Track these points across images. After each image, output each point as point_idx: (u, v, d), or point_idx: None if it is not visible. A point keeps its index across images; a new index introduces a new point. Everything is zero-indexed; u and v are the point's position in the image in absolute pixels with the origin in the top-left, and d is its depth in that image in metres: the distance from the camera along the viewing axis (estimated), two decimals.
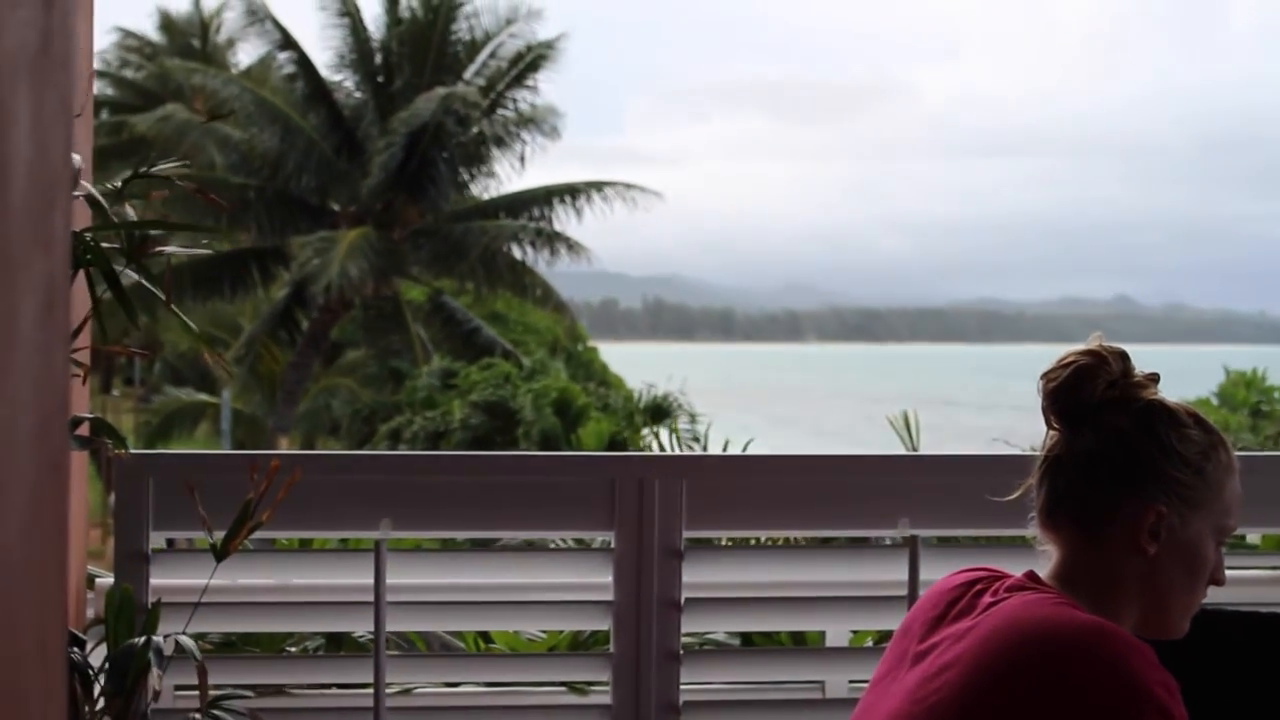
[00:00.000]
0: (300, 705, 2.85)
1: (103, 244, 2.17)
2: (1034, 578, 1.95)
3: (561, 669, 2.94)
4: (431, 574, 2.85)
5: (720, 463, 3.22)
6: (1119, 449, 1.93)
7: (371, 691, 2.74)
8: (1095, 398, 1.95)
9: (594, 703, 2.90)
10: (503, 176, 25.76)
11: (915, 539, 2.84)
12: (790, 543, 3.38)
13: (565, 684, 2.93)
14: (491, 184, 25.84)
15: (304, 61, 25.44)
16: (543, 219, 25.15)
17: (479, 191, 26.10)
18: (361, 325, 26.12)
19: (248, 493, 2.34)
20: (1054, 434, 1.99)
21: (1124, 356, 1.99)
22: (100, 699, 2.26)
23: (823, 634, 3.08)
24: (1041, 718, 1.75)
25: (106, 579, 2.84)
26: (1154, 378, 1.99)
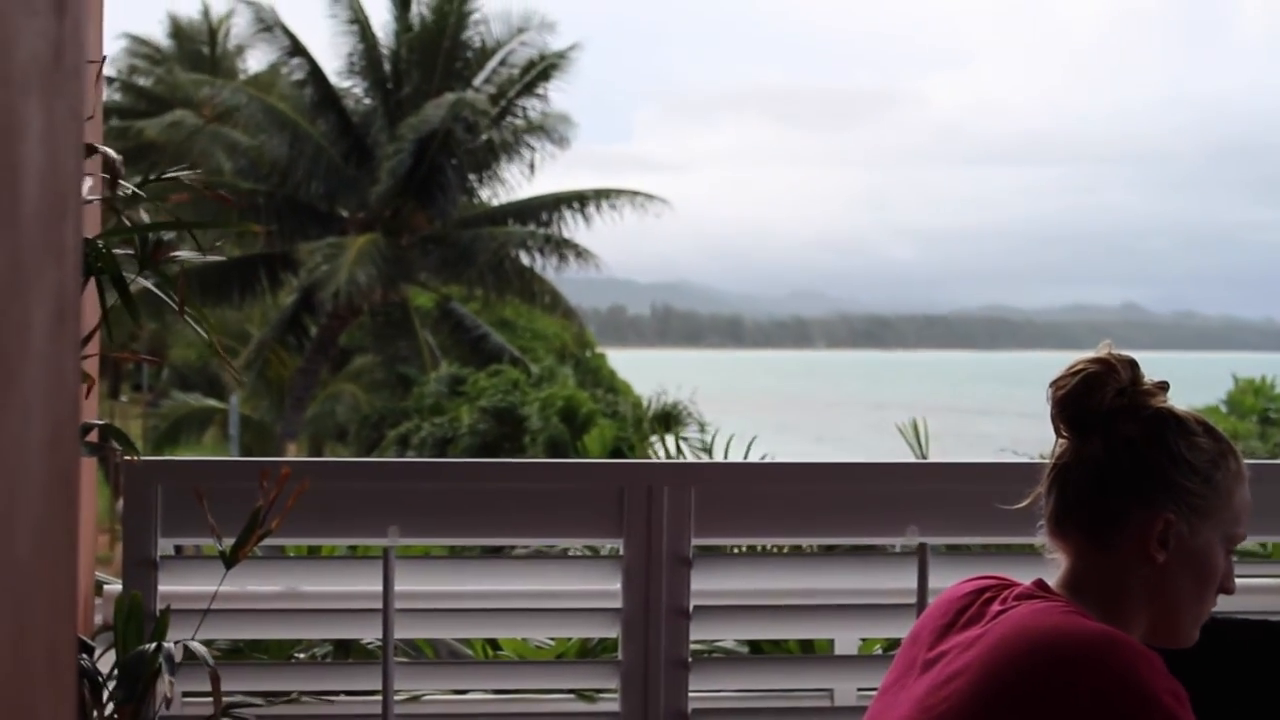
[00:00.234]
0: (309, 712, 2.85)
1: (115, 250, 2.17)
2: (1043, 586, 1.95)
3: (570, 677, 2.94)
4: (439, 581, 2.85)
5: (729, 470, 3.22)
6: (1128, 457, 1.93)
7: (380, 699, 2.74)
8: (1104, 406, 1.95)
9: (602, 710, 2.89)
10: (512, 183, 25.78)
11: (924, 547, 2.83)
12: (799, 550, 3.38)
13: (574, 692, 2.93)
14: (501, 190, 25.86)
15: (313, 68, 25.48)
16: (551, 225, 25.17)
17: (488, 198, 26.13)
18: (370, 331, 26.14)
19: (256, 500, 2.34)
20: (1063, 442, 1.99)
21: (1133, 364, 1.99)
22: (109, 705, 2.26)
23: (831, 642, 3.08)
24: None
25: (115, 585, 2.84)
26: (1163, 386, 1.99)
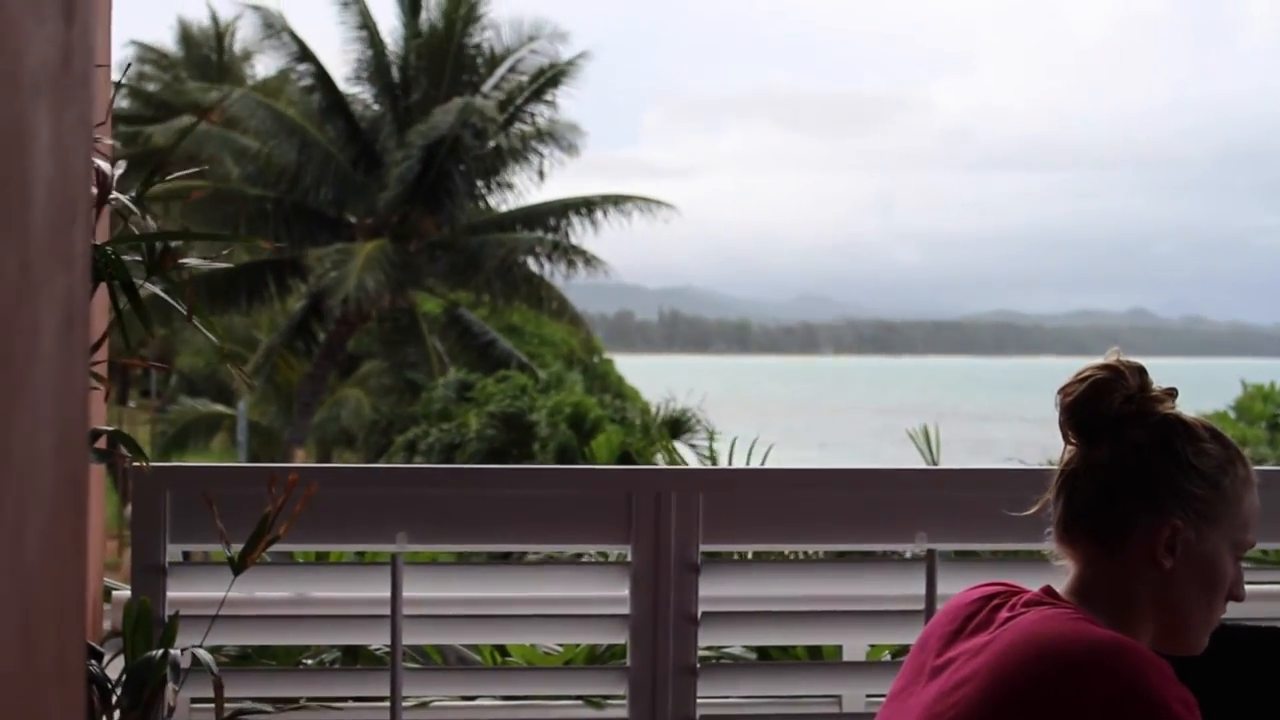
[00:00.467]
0: (316, 719, 2.85)
1: (124, 256, 2.17)
2: (1051, 593, 1.95)
3: (578, 683, 2.93)
4: (448, 587, 2.85)
5: (737, 476, 3.21)
6: (1135, 463, 1.93)
7: (388, 705, 2.74)
8: (1112, 412, 1.95)
9: (610, 717, 2.89)
10: (520, 189, 25.78)
11: (933, 553, 2.83)
12: (807, 557, 3.37)
13: (582, 698, 2.92)
14: (510, 196, 25.86)
15: (321, 74, 25.50)
16: (559, 231, 25.16)
17: (496, 204, 26.12)
18: (378, 337, 26.15)
19: (265, 506, 2.35)
20: (1071, 448, 1.99)
21: (1141, 371, 1.99)
22: (117, 711, 2.26)
23: (839, 648, 3.08)
24: None
25: (123, 591, 2.84)
26: (1172, 392, 1.99)
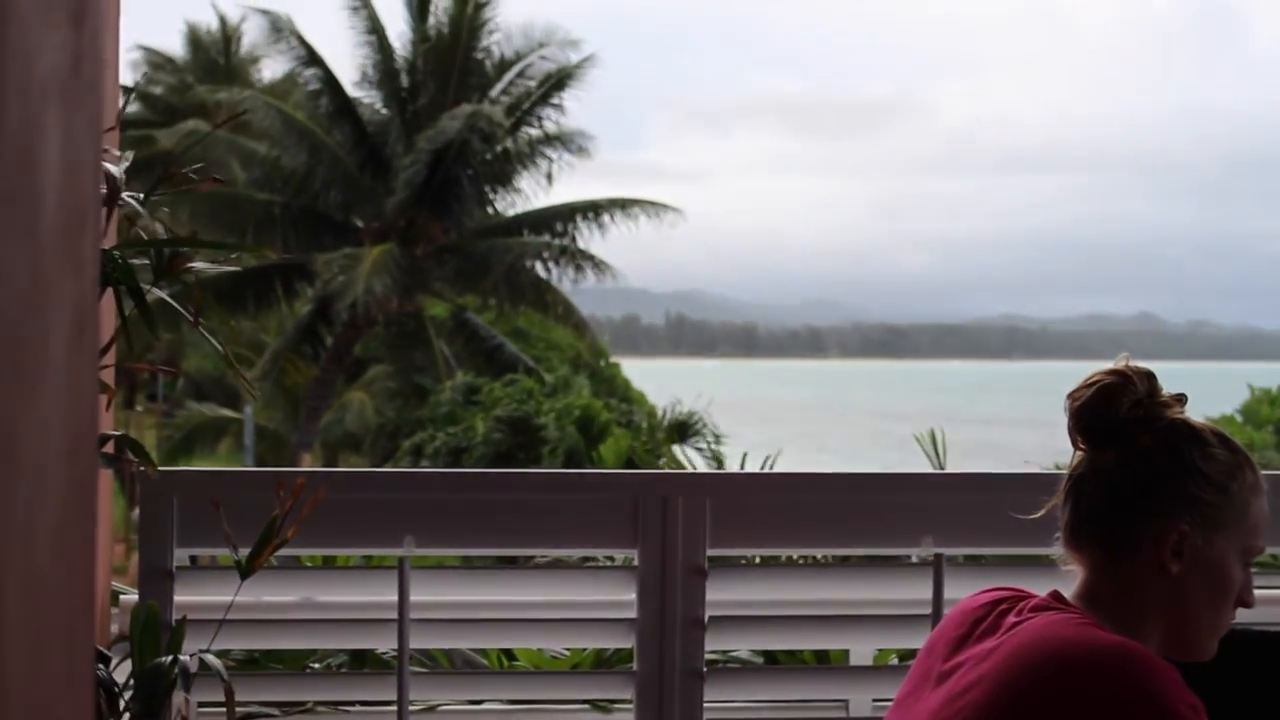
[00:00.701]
0: None
1: (131, 260, 2.17)
2: (1059, 598, 1.94)
3: (585, 687, 2.93)
4: (455, 592, 2.85)
5: (744, 480, 3.21)
6: (1142, 468, 1.93)
7: (395, 709, 2.74)
8: (1120, 417, 1.95)
9: None
10: (528, 193, 25.76)
11: (940, 557, 2.83)
12: (814, 561, 3.37)
13: (588, 703, 2.92)
14: (518, 200, 25.84)
15: (329, 79, 25.50)
16: (566, 235, 25.16)
17: (504, 208, 26.12)
18: (384, 341, 26.15)
19: (272, 510, 2.34)
20: (1079, 453, 1.99)
21: (1150, 376, 1.99)
22: (125, 715, 2.26)
23: (846, 653, 3.08)
24: None
25: (131, 595, 2.84)
26: (1180, 398, 1.99)
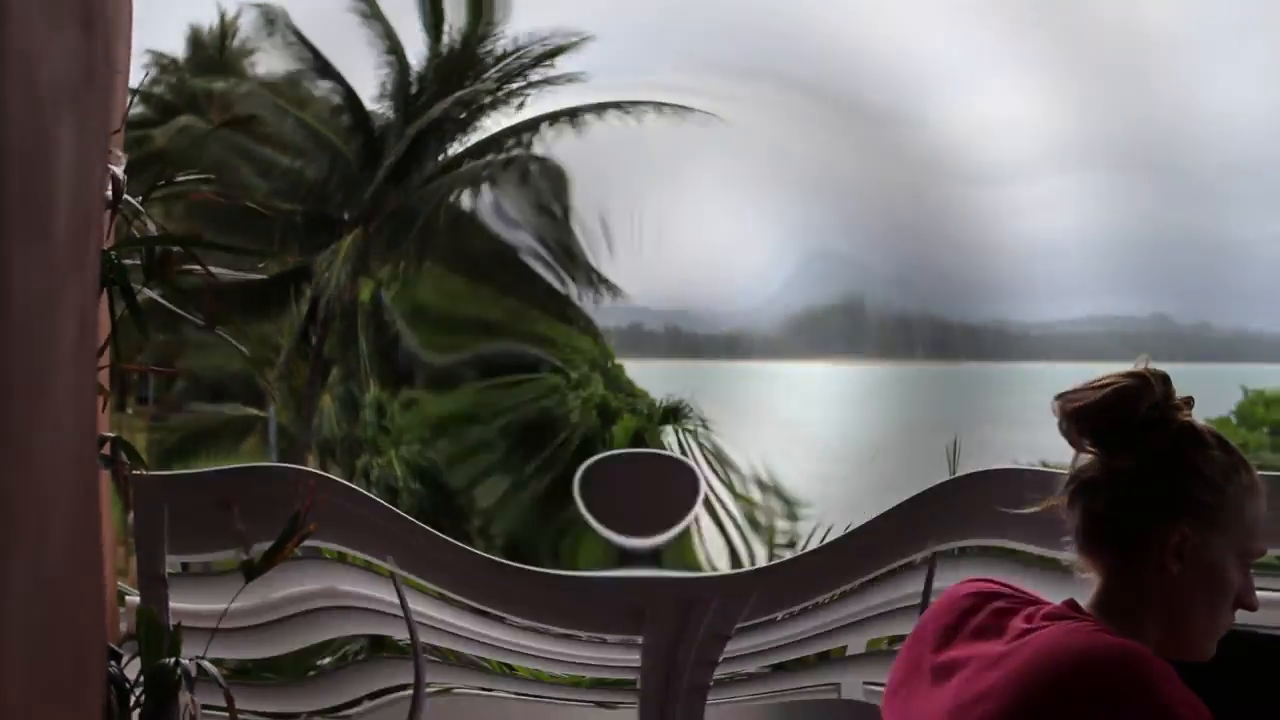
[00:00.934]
0: None
1: (124, 260, 2.17)
2: (1074, 606, 1.93)
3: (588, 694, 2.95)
4: (452, 614, 2.86)
5: (754, 577, 3.19)
6: (1154, 472, 1.92)
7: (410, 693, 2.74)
8: (1137, 420, 1.94)
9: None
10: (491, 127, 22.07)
11: (934, 554, 2.83)
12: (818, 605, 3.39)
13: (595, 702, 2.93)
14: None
15: (349, 93, 25.03)
16: (519, 147, 21.62)
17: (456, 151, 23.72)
18: (338, 338, 25.23)
19: (276, 508, 2.34)
20: (1087, 456, 1.97)
21: (1166, 380, 1.97)
22: (135, 711, 2.26)
23: (844, 647, 3.09)
24: None
25: (135, 596, 2.85)
26: (1189, 401, 1.98)
